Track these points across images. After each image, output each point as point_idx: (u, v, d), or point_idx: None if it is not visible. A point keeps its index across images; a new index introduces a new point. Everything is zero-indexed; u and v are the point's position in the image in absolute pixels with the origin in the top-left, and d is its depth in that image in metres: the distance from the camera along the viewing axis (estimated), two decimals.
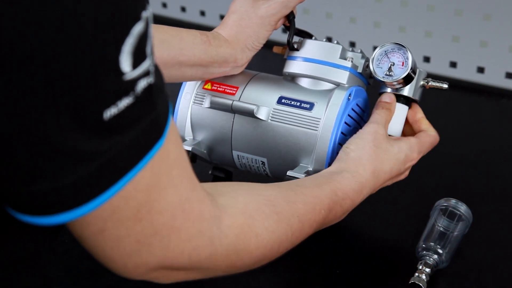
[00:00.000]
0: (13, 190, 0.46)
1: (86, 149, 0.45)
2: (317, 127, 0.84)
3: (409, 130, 0.90)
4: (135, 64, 0.46)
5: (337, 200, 0.73)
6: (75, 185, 0.46)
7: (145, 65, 0.47)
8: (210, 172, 0.98)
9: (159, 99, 0.49)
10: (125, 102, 0.45)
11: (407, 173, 0.86)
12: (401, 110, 0.88)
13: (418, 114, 0.88)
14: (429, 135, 0.87)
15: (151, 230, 0.52)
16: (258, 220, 0.62)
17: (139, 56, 0.46)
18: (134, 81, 0.46)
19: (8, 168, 0.45)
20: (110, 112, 0.45)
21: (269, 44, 0.92)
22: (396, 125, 0.87)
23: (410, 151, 0.83)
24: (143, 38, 0.46)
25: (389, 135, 0.85)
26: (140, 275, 0.55)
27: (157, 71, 0.50)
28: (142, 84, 0.47)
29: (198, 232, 0.55)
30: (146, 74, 0.47)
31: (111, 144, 0.46)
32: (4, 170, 0.45)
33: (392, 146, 0.81)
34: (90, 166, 0.45)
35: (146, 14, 0.46)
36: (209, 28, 0.89)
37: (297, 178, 0.82)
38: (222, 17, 1.47)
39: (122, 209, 0.49)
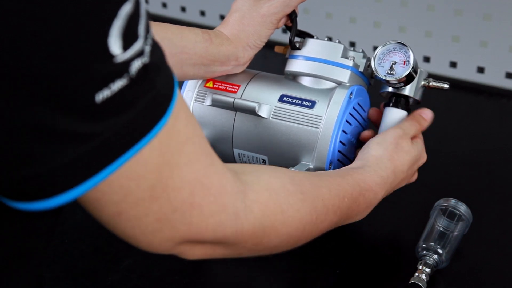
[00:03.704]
0: (6, 177, 0.45)
1: (80, 131, 0.45)
2: (319, 125, 0.84)
3: None
4: (126, 45, 0.45)
5: (360, 190, 0.73)
6: (68, 167, 0.45)
7: (137, 46, 0.46)
8: None
9: (158, 78, 0.49)
10: (118, 84, 0.45)
11: (416, 175, 0.87)
12: (401, 116, 0.89)
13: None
14: None
15: (170, 208, 0.52)
16: (283, 196, 0.61)
17: (129, 37, 0.45)
18: (127, 62, 0.45)
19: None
20: (103, 95, 0.44)
21: (270, 44, 0.92)
22: None
23: (423, 150, 0.86)
24: (133, 19, 0.45)
25: None
26: (167, 250, 0.55)
27: (155, 50, 0.49)
28: (136, 65, 0.46)
29: (221, 207, 0.55)
30: (139, 54, 0.46)
31: (107, 126, 0.46)
32: None
33: (413, 146, 0.83)
34: (83, 148, 0.45)
35: None
36: (209, 28, 0.89)
37: None
38: (222, 17, 1.47)
39: (134, 191, 0.49)
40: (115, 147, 0.47)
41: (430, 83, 0.89)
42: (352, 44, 1.36)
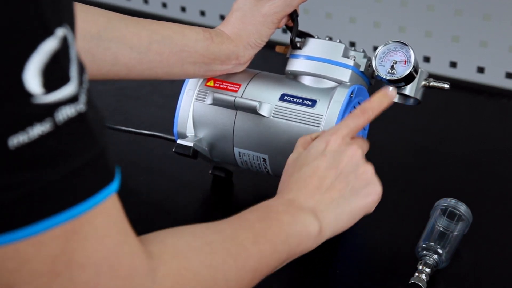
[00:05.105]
0: None
1: None
2: (319, 124, 0.84)
3: None
4: (50, 86, 0.40)
5: (268, 215, 0.65)
6: None
7: (67, 90, 0.40)
8: (210, 171, 0.98)
9: (103, 134, 0.43)
10: (38, 129, 0.39)
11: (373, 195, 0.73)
12: None
13: None
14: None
15: None
16: (191, 256, 0.55)
17: (55, 77, 0.40)
18: (51, 106, 0.40)
19: None
20: (18, 140, 0.39)
21: (271, 44, 0.92)
22: None
23: (324, 135, 0.72)
24: (61, 58, 0.40)
25: None
26: None
27: (96, 110, 0.43)
28: (66, 112, 0.41)
29: None
30: (71, 100, 0.41)
31: (22, 180, 0.40)
32: None
33: (310, 145, 0.72)
34: None
35: (63, 32, 0.41)
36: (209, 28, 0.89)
37: None
38: (222, 17, 1.47)
39: (33, 259, 0.42)
40: (32, 209, 0.40)
41: (431, 83, 0.89)
42: (352, 44, 1.36)
